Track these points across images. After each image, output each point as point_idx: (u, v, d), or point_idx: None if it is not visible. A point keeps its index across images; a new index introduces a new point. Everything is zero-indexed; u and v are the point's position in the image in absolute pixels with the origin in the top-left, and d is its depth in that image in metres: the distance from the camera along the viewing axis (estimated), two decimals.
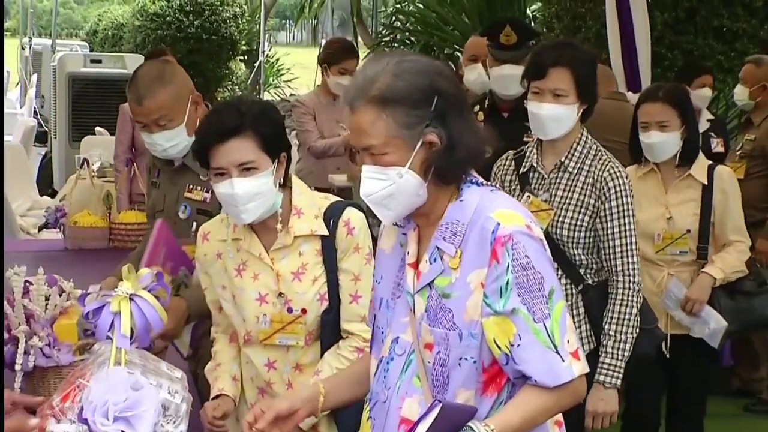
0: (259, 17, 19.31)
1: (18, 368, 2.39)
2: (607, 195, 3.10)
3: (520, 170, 3.25)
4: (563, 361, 1.92)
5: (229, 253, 2.57)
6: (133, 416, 1.97)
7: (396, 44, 11.75)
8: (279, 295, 2.52)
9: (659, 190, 3.80)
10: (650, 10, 7.10)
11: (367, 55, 10.38)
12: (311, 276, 2.53)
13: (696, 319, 3.73)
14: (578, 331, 3.10)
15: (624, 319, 3.09)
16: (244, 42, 20.23)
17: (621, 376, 3.09)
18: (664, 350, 3.73)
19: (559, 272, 3.07)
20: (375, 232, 2.46)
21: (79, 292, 2.46)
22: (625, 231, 3.11)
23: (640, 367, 3.27)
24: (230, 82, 19.89)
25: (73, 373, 2.15)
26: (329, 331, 2.55)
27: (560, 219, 3.16)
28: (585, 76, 3.12)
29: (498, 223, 1.93)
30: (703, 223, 3.73)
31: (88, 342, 2.43)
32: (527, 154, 3.26)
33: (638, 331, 3.13)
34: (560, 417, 2.07)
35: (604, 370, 3.10)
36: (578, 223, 3.14)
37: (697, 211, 3.75)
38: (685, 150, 3.73)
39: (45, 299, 2.45)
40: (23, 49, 22.85)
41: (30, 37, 22.00)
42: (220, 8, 19.24)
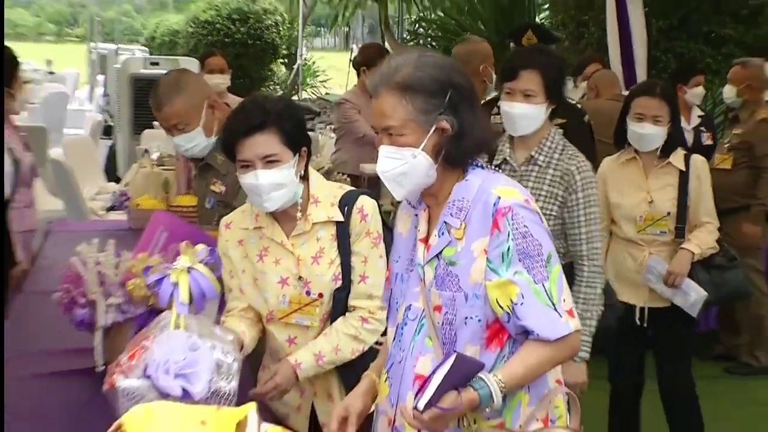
0: (298, 25, 19.37)
1: (101, 325, 2.43)
2: (574, 186, 3.00)
3: (493, 163, 3.13)
4: (561, 317, 1.92)
5: (251, 240, 2.53)
6: (191, 373, 1.99)
7: None
8: (299, 278, 2.48)
9: (640, 176, 3.75)
10: (647, 18, 7.06)
11: None
12: (328, 259, 2.49)
13: (677, 291, 3.71)
14: None
15: (590, 299, 3.00)
16: (284, 47, 20.26)
17: (589, 349, 3.02)
18: (637, 321, 3.74)
19: None
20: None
21: (142, 264, 2.48)
22: (591, 219, 3.01)
23: (608, 338, 3.21)
24: (272, 82, 19.96)
25: (138, 335, 2.17)
26: (341, 306, 2.53)
27: None
28: (553, 78, 3.01)
29: (499, 197, 1.93)
30: (681, 205, 3.70)
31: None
32: (500, 149, 3.15)
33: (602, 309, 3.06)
34: (560, 376, 2.07)
35: None
36: (547, 212, 3.01)
37: (675, 195, 3.71)
38: (668, 142, 3.69)
39: (115, 267, 2.47)
40: (91, 53, 23.02)
41: (96, 43, 22.12)
42: (264, 17, 19.33)
